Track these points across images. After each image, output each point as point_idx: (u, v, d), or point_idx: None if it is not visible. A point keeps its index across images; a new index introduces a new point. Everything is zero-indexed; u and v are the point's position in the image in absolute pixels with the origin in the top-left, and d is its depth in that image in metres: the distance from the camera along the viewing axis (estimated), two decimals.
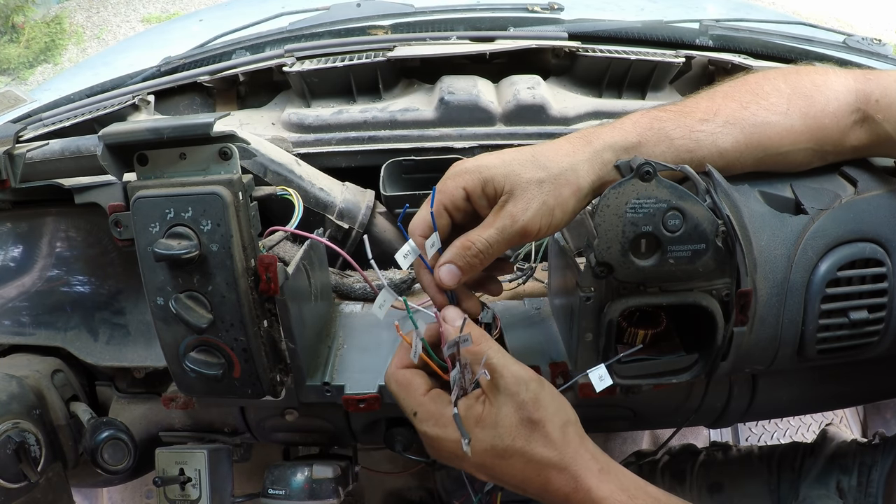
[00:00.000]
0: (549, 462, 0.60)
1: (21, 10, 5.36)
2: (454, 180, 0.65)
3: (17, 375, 0.81)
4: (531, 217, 0.62)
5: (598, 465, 0.61)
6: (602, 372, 0.66)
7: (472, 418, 0.61)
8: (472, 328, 0.63)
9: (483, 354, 0.61)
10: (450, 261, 0.64)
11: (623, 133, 0.66)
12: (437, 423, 0.62)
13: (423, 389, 0.63)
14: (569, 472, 0.60)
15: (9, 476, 0.73)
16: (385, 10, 1.40)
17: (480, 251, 0.63)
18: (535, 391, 0.61)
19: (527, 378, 0.62)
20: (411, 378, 0.64)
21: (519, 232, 0.63)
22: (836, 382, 0.92)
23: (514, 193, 0.62)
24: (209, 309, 0.66)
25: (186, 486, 0.84)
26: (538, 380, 0.63)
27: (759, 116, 0.68)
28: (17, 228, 0.87)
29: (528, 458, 0.60)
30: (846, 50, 1.30)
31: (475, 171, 0.64)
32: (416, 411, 0.63)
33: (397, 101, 1.06)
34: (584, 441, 0.62)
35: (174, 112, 1.13)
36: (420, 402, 0.63)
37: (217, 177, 0.65)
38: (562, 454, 0.60)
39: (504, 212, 0.63)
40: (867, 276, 0.70)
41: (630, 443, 1.63)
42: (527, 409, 0.60)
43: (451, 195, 0.65)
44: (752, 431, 1.72)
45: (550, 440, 0.60)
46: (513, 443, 0.60)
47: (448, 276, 0.64)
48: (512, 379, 0.61)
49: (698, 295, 0.65)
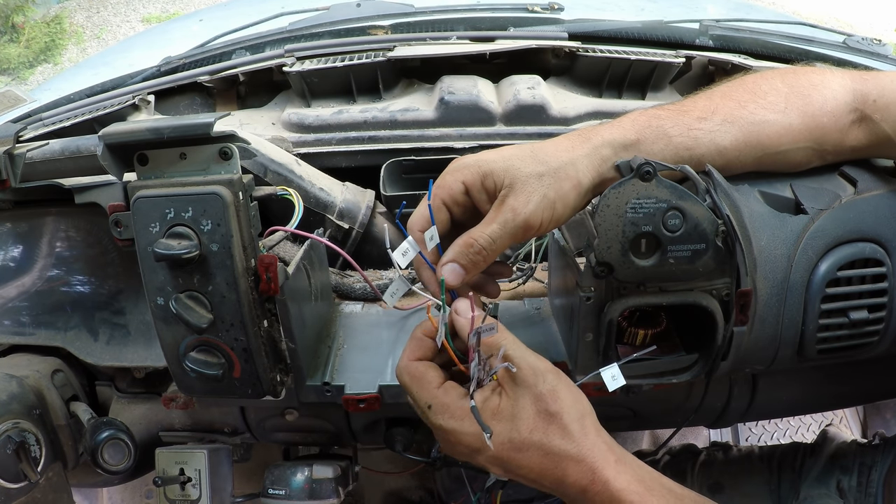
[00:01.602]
0: (566, 454, 0.59)
1: (21, 10, 5.36)
2: (453, 175, 0.65)
3: (17, 375, 0.81)
4: (533, 210, 0.62)
5: (615, 456, 0.61)
6: (615, 371, 0.65)
7: (488, 410, 0.60)
8: (488, 318, 0.63)
9: (499, 346, 0.61)
10: (452, 259, 0.64)
11: (622, 130, 0.66)
12: (452, 415, 0.61)
13: (437, 382, 0.62)
14: (586, 464, 0.59)
15: (9, 476, 0.73)
16: (385, 10, 1.40)
17: (483, 248, 0.63)
18: (552, 383, 0.60)
19: (544, 369, 0.61)
20: (425, 371, 0.63)
21: (521, 226, 0.62)
22: (836, 382, 0.92)
23: (515, 187, 0.62)
24: (209, 309, 0.66)
25: (186, 486, 0.85)
26: (555, 371, 0.62)
27: (757, 115, 0.68)
28: (17, 228, 0.87)
29: (545, 451, 0.59)
30: (846, 50, 1.30)
31: (474, 165, 0.64)
32: (430, 404, 0.62)
33: (397, 101, 1.06)
34: (601, 433, 0.62)
35: (174, 112, 1.13)
36: (434, 395, 0.62)
37: (217, 177, 0.65)
38: (579, 446, 0.59)
39: (505, 206, 0.62)
40: (867, 276, 0.70)
41: (630, 443, 1.63)
42: (544, 401, 0.60)
43: (451, 189, 0.64)
44: (752, 431, 1.72)
45: (568, 432, 0.59)
46: (530, 435, 0.59)
47: (451, 275, 0.64)
48: (529, 370, 0.60)
49: (698, 295, 0.65)
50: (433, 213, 0.65)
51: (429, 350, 0.65)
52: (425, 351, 0.65)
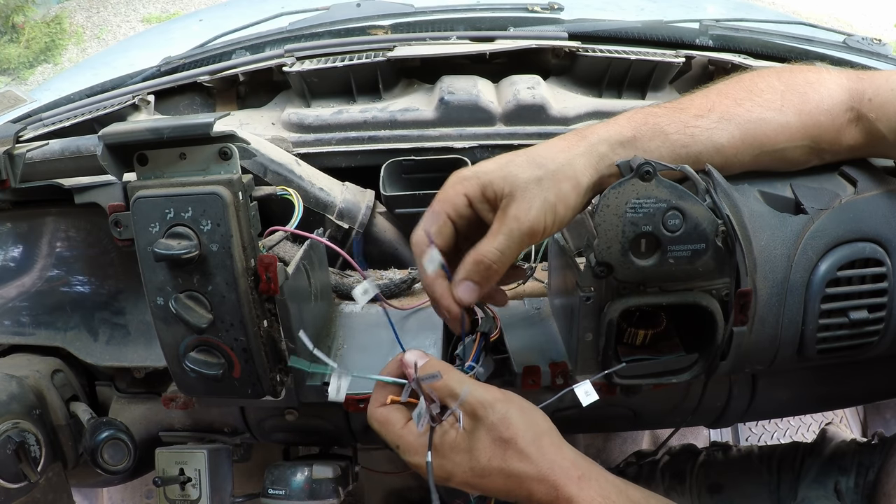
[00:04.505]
0: (527, 475, 0.61)
1: (21, 10, 5.37)
2: (454, 188, 0.66)
3: (17, 375, 0.81)
4: (536, 216, 0.62)
5: (578, 472, 0.61)
6: (587, 388, 0.66)
7: (447, 445, 0.62)
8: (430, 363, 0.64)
9: (449, 388, 0.62)
10: (465, 278, 0.65)
11: (618, 127, 0.67)
12: (416, 453, 0.63)
13: (401, 423, 0.64)
14: (548, 482, 0.60)
15: (9, 476, 0.73)
16: (385, 10, 1.39)
17: (494, 262, 0.64)
18: (501, 411, 0.62)
19: (492, 400, 0.62)
20: (388, 414, 0.65)
21: (527, 233, 0.63)
22: (836, 382, 0.92)
23: (515, 195, 0.63)
24: (209, 309, 0.66)
25: (186, 486, 0.85)
26: (504, 399, 0.63)
27: (753, 113, 0.68)
28: (17, 228, 0.87)
29: (507, 474, 0.61)
30: (846, 50, 1.30)
31: (473, 176, 0.65)
32: (397, 444, 0.64)
33: (397, 101, 1.06)
34: (562, 449, 0.63)
35: (174, 112, 1.13)
36: (399, 436, 0.64)
37: (217, 177, 0.65)
38: (538, 467, 0.61)
39: (508, 216, 0.63)
40: (867, 276, 0.70)
41: (630, 443, 1.63)
42: (497, 430, 0.61)
43: (454, 202, 0.65)
44: (752, 431, 1.72)
45: (525, 455, 0.61)
46: (489, 462, 0.61)
47: (466, 294, 0.65)
48: (478, 405, 0.62)
49: (698, 295, 0.65)
50: (431, 235, 0.66)
51: (391, 394, 0.67)
52: (387, 396, 0.67)
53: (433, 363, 0.64)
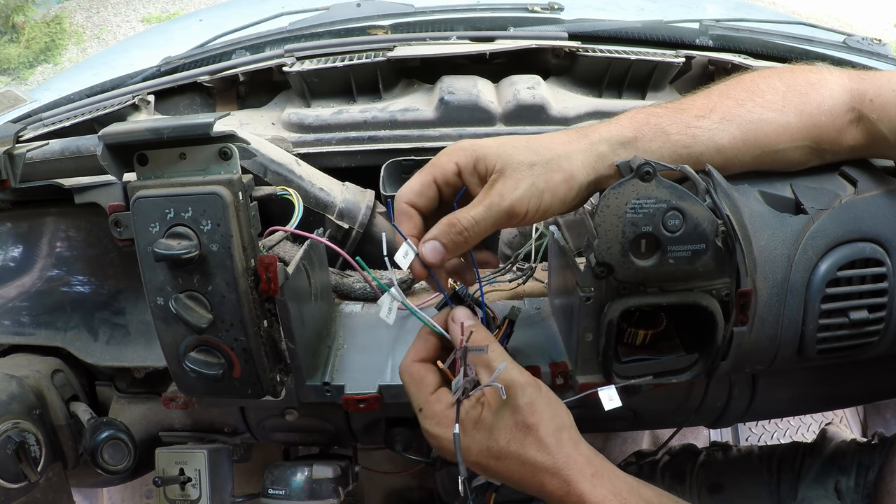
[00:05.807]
0: (542, 466, 0.61)
1: (21, 10, 5.37)
2: (448, 156, 0.66)
3: (17, 375, 0.81)
4: (519, 197, 0.63)
5: (592, 469, 0.62)
6: (612, 393, 0.66)
7: (470, 420, 0.62)
8: (478, 331, 0.64)
9: (488, 361, 0.62)
10: (434, 237, 0.64)
11: (619, 127, 0.67)
12: (439, 423, 0.63)
13: (432, 387, 0.64)
14: (561, 477, 0.60)
15: (9, 476, 0.73)
16: (385, 10, 1.39)
17: (465, 228, 0.63)
18: (530, 396, 0.62)
19: (524, 383, 0.62)
20: (424, 374, 0.65)
21: (506, 211, 0.63)
22: (836, 382, 0.92)
23: (505, 173, 0.63)
24: (209, 309, 0.66)
25: (186, 486, 0.84)
26: (535, 385, 0.63)
27: (755, 113, 0.68)
28: (17, 228, 0.87)
29: (522, 461, 0.61)
30: (846, 50, 1.30)
31: (469, 148, 0.65)
32: (421, 407, 0.64)
33: (397, 101, 1.06)
34: (579, 445, 0.63)
35: (174, 112, 1.13)
36: (427, 400, 0.64)
37: (217, 177, 0.65)
38: (555, 459, 0.61)
39: (493, 190, 0.63)
40: (867, 276, 0.70)
41: (630, 443, 1.63)
42: (522, 414, 0.61)
43: (443, 169, 0.66)
44: (752, 431, 1.72)
45: (544, 445, 0.61)
46: (507, 446, 0.61)
47: (431, 253, 0.64)
48: (509, 384, 0.62)
49: (698, 295, 0.65)
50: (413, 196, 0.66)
51: (433, 350, 0.67)
52: (429, 351, 0.66)
53: (480, 331, 0.64)
